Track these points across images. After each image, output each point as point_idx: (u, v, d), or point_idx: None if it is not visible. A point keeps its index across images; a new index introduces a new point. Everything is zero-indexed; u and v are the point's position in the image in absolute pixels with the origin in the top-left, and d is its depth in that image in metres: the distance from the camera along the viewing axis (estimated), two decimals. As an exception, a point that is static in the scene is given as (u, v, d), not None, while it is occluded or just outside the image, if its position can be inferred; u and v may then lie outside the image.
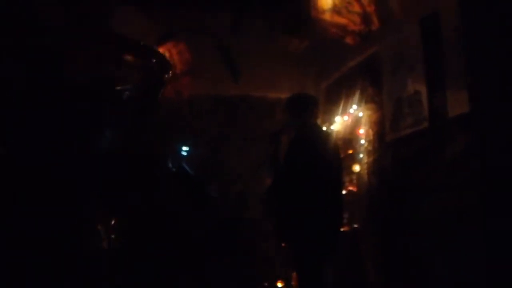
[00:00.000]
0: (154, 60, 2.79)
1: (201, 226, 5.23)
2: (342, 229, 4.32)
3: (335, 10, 3.74)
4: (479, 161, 3.52)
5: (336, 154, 4.18)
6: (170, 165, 4.39)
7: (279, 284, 5.60)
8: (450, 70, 3.78)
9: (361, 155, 5.04)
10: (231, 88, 5.61)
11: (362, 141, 5.02)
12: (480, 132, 3.54)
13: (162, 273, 5.15)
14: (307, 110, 4.17)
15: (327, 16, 3.79)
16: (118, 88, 2.69)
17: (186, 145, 5.15)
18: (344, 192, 4.76)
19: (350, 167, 5.11)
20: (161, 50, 4.83)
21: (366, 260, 5.00)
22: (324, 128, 5.37)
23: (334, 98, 5.61)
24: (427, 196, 4.08)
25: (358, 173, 5.08)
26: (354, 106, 5.18)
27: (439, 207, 3.92)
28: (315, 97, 4.57)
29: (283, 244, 4.86)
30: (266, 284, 5.62)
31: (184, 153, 5.14)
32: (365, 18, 3.71)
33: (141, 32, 4.82)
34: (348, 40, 3.93)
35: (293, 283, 5.55)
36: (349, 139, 5.26)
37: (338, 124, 5.42)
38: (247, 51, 5.22)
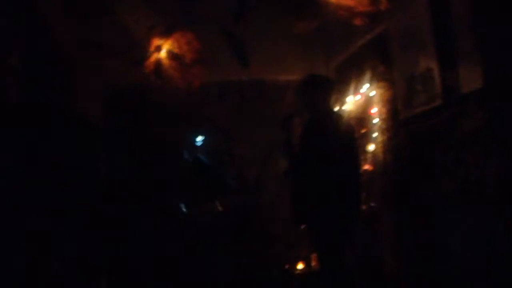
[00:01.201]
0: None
1: (220, 213, 5.28)
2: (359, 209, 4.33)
3: (343, -8, 3.70)
4: (495, 137, 3.52)
5: (351, 135, 4.18)
6: (186, 156, 4.41)
7: (300, 266, 5.64)
8: (462, 45, 3.74)
9: (375, 134, 5.03)
10: (240, 73, 5.58)
11: (376, 120, 5.01)
12: (495, 108, 3.52)
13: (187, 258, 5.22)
14: (321, 92, 4.16)
15: (334, -2, 3.75)
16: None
17: (200, 135, 5.16)
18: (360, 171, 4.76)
19: (364, 146, 5.11)
20: (170, 40, 4.82)
21: (383, 238, 5.02)
22: (337, 109, 5.37)
23: (345, 77, 5.57)
24: (443, 173, 4.08)
25: (373, 152, 5.08)
26: (366, 85, 5.15)
27: (456, 184, 3.92)
28: (329, 78, 4.52)
29: (302, 226, 4.89)
30: (287, 266, 5.66)
31: (199, 143, 5.15)
32: (372, -2, 3.67)
33: (147, 23, 4.85)
34: (356, 21, 3.88)
35: (313, 264, 5.59)
36: (362, 118, 5.25)
37: (350, 103, 5.40)
38: (254, 34, 5.19)
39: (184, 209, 4.59)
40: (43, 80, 3.60)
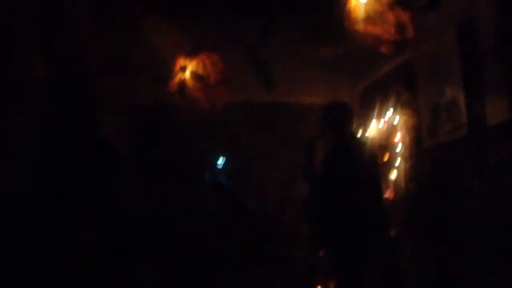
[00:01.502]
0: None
1: (237, 237, 5.25)
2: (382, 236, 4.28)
3: (369, 19, 3.69)
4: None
5: (374, 162, 4.17)
6: (206, 177, 4.42)
7: (318, 291, 5.58)
8: (489, 76, 3.70)
9: (398, 162, 4.98)
10: (263, 95, 5.59)
11: (399, 148, 4.96)
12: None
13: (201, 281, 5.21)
14: (344, 119, 4.17)
15: (360, 26, 3.73)
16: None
17: (221, 157, 5.17)
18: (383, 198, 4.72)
19: (386, 173, 5.06)
20: (195, 61, 4.85)
21: (404, 268, 4.95)
22: (360, 135, 5.33)
23: (369, 103, 5.55)
24: (467, 204, 4.02)
25: (395, 180, 5.02)
26: (390, 112, 5.11)
27: (480, 215, 3.86)
28: (350, 105, 4.53)
29: (321, 252, 4.85)
30: (304, 290, 5.61)
31: (220, 165, 5.15)
32: (400, 27, 3.65)
33: (173, 43, 4.89)
34: (383, 49, 3.86)
35: (330, 289, 5.53)
36: (385, 145, 5.20)
37: (374, 130, 5.36)
38: (279, 57, 5.21)
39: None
40: (68, 98, 3.63)
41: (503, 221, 3.61)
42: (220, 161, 5.19)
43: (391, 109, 5.09)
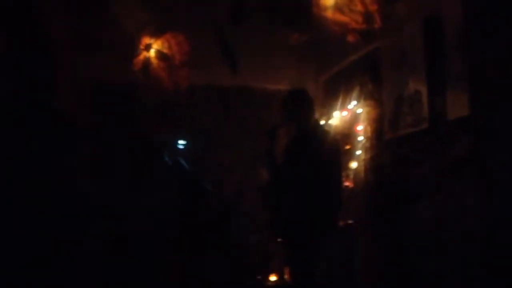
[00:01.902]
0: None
1: (195, 219, 5.23)
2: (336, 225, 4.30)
3: (337, 8, 3.68)
4: (479, 165, 3.51)
5: (336, 151, 4.18)
6: (166, 158, 4.37)
7: (273, 278, 5.60)
8: (452, 72, 3.74)
9: (359, 152, 5.01)
10: (228, 79, 5.54)
11: (360, 138, 4.99)
12: (480, 136, 3.51)
13: (156, 263, 5.18)
14: (304, 107, 4.16)
15: (329, 14, 3.71)
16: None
17: (182, 139, 5.12)
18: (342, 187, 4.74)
19: (347, 163, 5.09)
20: (160, 40, 4.77)
21: (358, 256, 5.00)
22: (323, 123, 5.34)
23: (333, 92, 5.56)
24: (424, 197, 4.07)
25: (355, 170, 5.06)
26: (353, 102, 5.13)
27: (436, 208, 3.91)
28: (308, 93, 4.51)
29: (279, 239, 4.86)
30: (259, 277, 5.61)
31: (181, 147, 5.10)
32: (367, 17, 3.64)
33: (139, 22, 4.80)
34: (349, 37, 3.86)
35: (286, 276, 5.55)
36: (347, 134, 5.23)
37: (337, 119, 5.38)
38: (245, 42, 5.16)
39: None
40: (27, 71, 3.53)
41: (457, 215, 3.67)
42: (181, 143, 5.14)
43: (355, 99, 5.11)
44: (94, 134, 5.03)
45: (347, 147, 5.17)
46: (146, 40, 4.76)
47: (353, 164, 5.06)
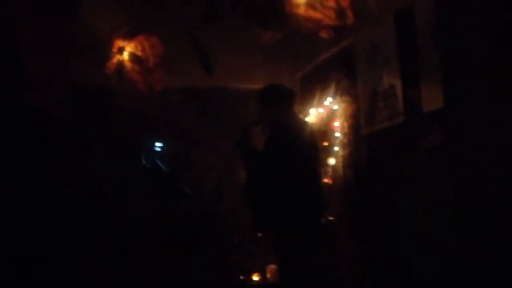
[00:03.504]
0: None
1: (174, 221, 5.21)
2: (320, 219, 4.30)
3: (310, 4, 3.69)
4: (452, 156, 3.54)
5: (314, 143, 4.18)
6: (143, 161, 4.34)
7: (255, 277, 5.59)
8: (425, 65, 3.77)
9: (336, 148, 5.03)
10: (203, 80, 5.52)
11: (337, 134, 5.01)
12: (453, 128, 3.55)
13: (134, 265, 5.13)
14: (283, 100, 4.14)
15: (301, 11, 3.73)
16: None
17: (159, 141, 5.09)
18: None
19: (325, 159, 5.10)
20: (133, 43, 4.74)
21: (340, 252, 5.02)
22: (301, 117, 5.35)
23: (309, 89, 5.57)
24: (401, 190, 4.10)
25: (333, 166, 5.07)
26: (329, 98, 5.15)
27: (413, 200, 3.94)
28: (289, 87, 4.51)
29: (259, 234, 4.87)
30: (241, 277, 5.61)
31: (158, 149, 5.08)
32: (340, 13, 3.66)
33: (112, 24, 4.76)
34: (323, 34, 3.88)
35: (268, 275, 5.56)
36: (324, 131, 5.24)
37: (313, 116, 5.39)
38: (219, 42, 5.15)
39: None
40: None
41: (433, 206, 3.71)
42: (158, 144, 5.11)
43: (331, 96, 5.12)
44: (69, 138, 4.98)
45: (325, 143, 5.19)
46: (119, 42, 4.72)
47: (331, 161, 5.07)
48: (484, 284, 3.24)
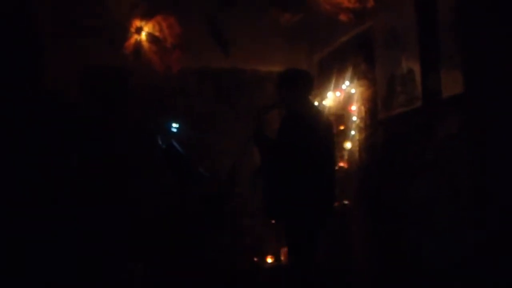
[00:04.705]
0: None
1: (190, 202, 5.23)
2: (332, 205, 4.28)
3: (329, -14, 3.66)
4: (471, 143, 3.51)
5: (329, 130, 4.13)
6: (160, 142, 4.34)
7: (269, 260, 5.61)
8: (445, 50, 3.72)
9: (353, 132, 5.00)
10: (220, 62, 5.50)
11: (354, 118, 4.98)
12: (473, 114, 3.51)
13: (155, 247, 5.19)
14: (301, 86, 4.09)
15: (321, -7, 3.70)
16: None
17: (175, 122, 5.09)
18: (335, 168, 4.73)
19: (341, 143, 5.08)
20: (151, 23, 4.73)
21: (354, 236, 5.01)
22: (316, 104, 5.32)
23: (326, 73, 5.53)
24: (418, 175, 4.08)
25: (349, 150, 5.05)
26: (347, 82, 5.11)
27: (429, 186, 3.92)
28: (309, 72, 4.45)
29: (272, 221, 4.85)
30: (256, 259, 5.63)
31: (174, 130, 5.07)
32: (359, -5, 3.63)
33: (129, 3, 4.75)
34: (342, 17, 3.84)
35: (282, 258, 5.57)
36: (341, 115, 5.21)
37: (330, 99, 5.35)
38: (237, 24, 5.12)
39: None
40: (13, 52, 3.50)
41: (449, 193, 3.68)
42: (174, 126, 5.11)
43: (348, 79, 5.09)
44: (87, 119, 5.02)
45: (341, 127, 5.16)
46: (137, 23, 4.71)
47: (348, 145, 5.05)
48: (499, 273, 3.22)
